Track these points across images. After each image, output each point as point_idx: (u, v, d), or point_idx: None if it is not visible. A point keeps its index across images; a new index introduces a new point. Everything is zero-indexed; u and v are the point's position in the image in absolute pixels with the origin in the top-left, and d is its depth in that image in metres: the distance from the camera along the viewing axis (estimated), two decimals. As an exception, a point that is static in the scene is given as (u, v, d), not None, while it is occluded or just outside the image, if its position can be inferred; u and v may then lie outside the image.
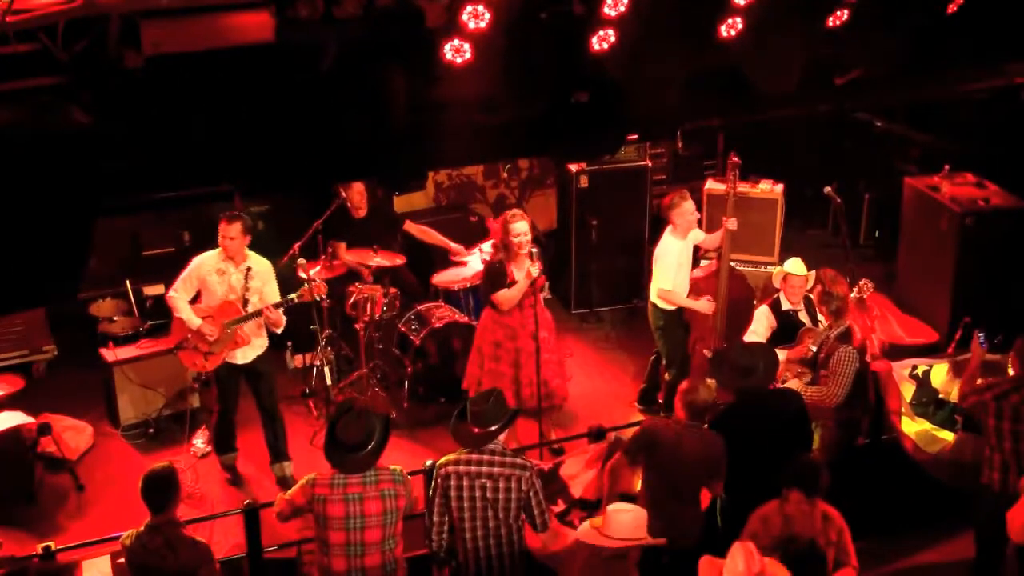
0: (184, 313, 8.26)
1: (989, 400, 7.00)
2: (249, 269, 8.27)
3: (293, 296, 8.46)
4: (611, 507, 6.03)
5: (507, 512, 6.25)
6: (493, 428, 6.22)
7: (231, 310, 8.27)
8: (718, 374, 7.31)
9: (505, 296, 8.34)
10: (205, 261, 8.30)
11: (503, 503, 6.22)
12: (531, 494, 6.24)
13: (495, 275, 8.45)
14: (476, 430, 6.23)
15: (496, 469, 6.20)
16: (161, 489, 5.95)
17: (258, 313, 8.25)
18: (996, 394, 6.99)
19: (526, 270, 8.24)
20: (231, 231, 8.17)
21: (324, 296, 8.72)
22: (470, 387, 8.64)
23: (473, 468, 6.21)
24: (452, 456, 6.29)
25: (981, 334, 7.54)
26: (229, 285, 8.27)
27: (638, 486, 7.07)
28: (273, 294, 8.35)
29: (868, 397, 8.07)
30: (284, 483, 8.39)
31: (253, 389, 8.58)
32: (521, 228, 8.32)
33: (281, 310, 8.33)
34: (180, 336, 8.36)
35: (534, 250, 8.29)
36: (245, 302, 8.26)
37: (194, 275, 8.29)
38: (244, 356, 8.42)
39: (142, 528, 5.96)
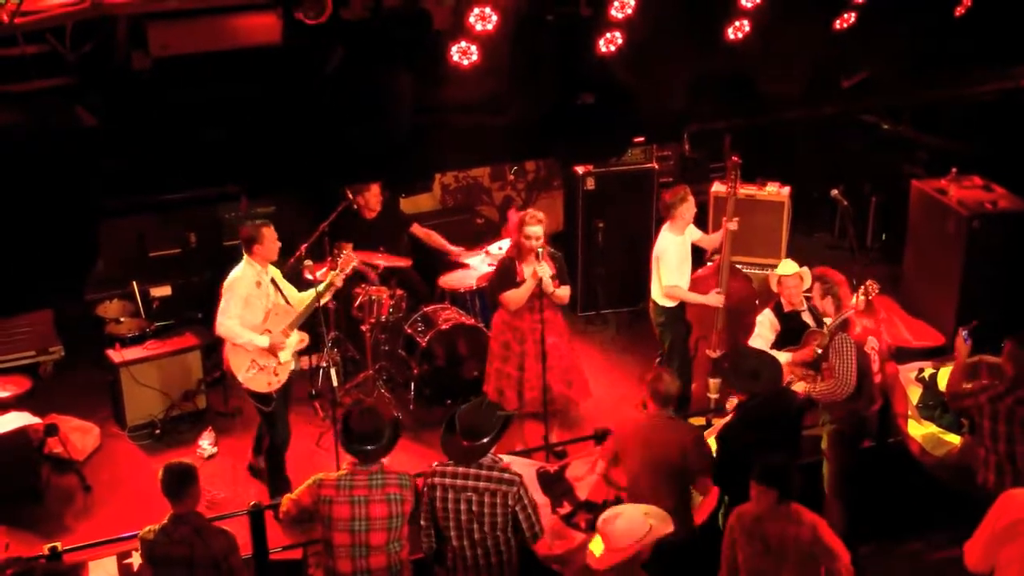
0: (247, 336, 7.87)
1: (984, 402, 6.99)
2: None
3: (336, 271, 8.24)
4: (599, 522, 5.81)
5: (493, 526, 6.17)
6: (484, 441, 6.16)
7: (282, 314, 8.07)
8: (731, 380, 7.29)
9: (511, 297, 8.32)
10: (242, 279, 7.93)
11: (488, 517, 6.15)
12: (518, 509, 6.14)
13: (504, 273, 8.42)
14: (466, 443, 6.18)
15: (482, 484, 6.13)
16: (183, 479, 5.96)
17: (316, 301, 8.05)
18: (991, 396, 6.98)
19: (532, 270, 8.23)
20: (275, 234, 8.02)
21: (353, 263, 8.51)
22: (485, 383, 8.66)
23: (459, 481, 6.15)
24: (440, 466, 6.24)
25: (965, 331, 7.52)
26: (266, 295, 8.04)
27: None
28: (292, 288, 8.24)
29: (870, 390, 8.01)
30: (261, 475, 8.52)
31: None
32: (535, 231, 8.26)
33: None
34: (245, 364, 7.94)
35: (540, 250, 8.27)
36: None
37: (239, 297, 7.88)
38: (294, 359, 8.34)
39: (165, 521, 5.96)
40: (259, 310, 7.99)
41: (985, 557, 6.05)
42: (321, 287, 8.14)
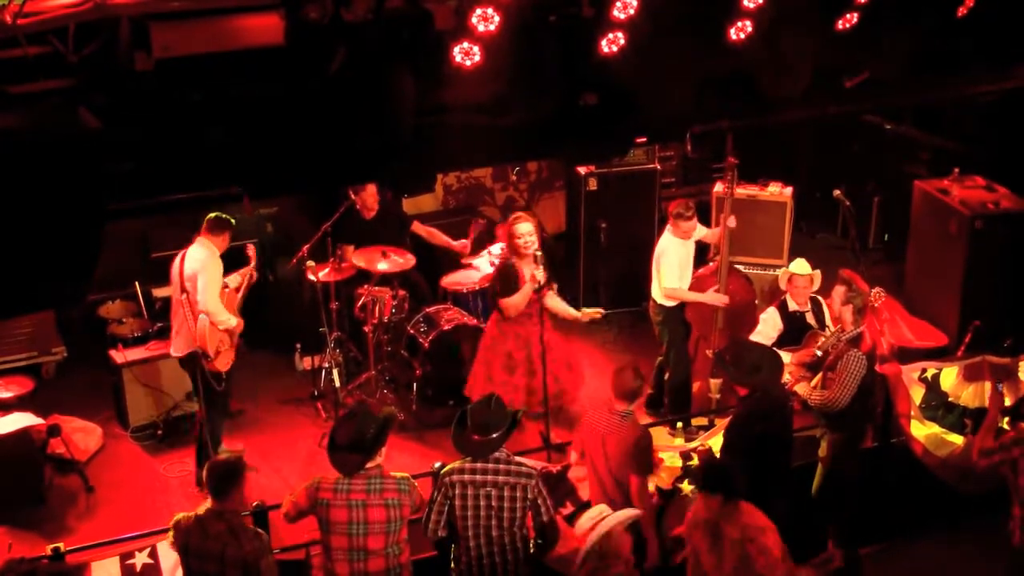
0: (226, 315, 8.20)
1: (1019, 456, 6.58)
2: None
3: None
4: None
5: (512, 521, 6.21)
6: (495, 436, 6.19)
7: (229, 298, 8.44)
8: (732, 373, 7.24)
9: (511, 302, 8.30)
10: (217, 261, 8.28)
11: (508, 511, 6.19)
12: (539, 501, 6.21)
13: (507, 276, 8.40)
14: (477, 438, 6.20)
15: (501, 478, 6.16)
16: (227, 477, 5.96)
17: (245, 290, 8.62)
18: None
19: (531, 274, 8.21)
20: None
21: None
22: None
23: (479, 477, 6.17)
24: (458, 464, 6.25)
25: (1000, 385, 7.47)
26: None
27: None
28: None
29: (874, 403, 7.99)
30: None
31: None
32: (523, 229, 8.31)
33: None
34: (216, 343, 8.21)
35: (538, 253, 8.26)
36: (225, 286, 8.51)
37: (217, 276, 8.25)
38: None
39: (201, 511, 5.97)
40: (222, 291, 8.38)
41: None
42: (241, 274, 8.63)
